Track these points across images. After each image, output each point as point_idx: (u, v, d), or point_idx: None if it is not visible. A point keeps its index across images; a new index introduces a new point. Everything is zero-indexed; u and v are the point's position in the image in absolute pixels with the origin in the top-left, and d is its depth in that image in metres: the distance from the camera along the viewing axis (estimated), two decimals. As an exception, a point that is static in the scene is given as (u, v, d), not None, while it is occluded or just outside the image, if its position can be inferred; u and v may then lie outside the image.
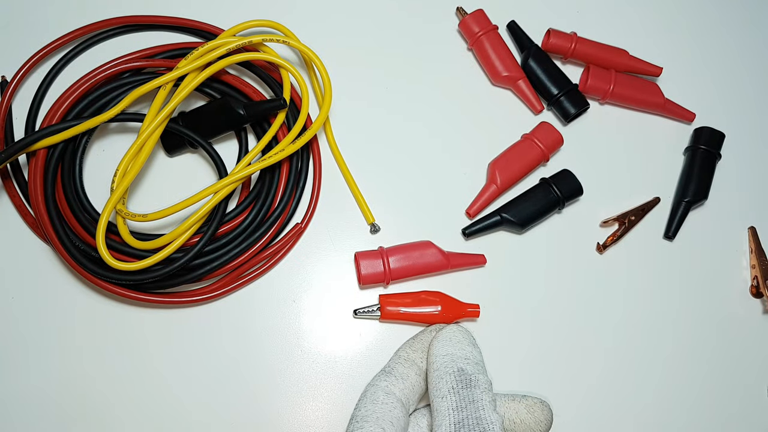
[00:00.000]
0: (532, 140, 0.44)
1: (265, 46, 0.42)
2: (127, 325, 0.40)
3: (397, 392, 0.35)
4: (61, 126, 0.39)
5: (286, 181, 0.42)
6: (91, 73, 0.41)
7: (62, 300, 0.40)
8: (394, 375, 0.36)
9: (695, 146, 0.46)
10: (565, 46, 0.46)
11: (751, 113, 0.49)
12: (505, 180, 0.43)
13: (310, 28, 0.46)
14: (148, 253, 0.38)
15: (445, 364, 0.35)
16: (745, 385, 0.43)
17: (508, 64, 0.46)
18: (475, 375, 0.34)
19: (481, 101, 0.46)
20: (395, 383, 0.36)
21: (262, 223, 0.41)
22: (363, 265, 0.40)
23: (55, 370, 0.39)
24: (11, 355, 0.40)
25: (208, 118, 0.41)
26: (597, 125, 0.47)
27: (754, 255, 0.45)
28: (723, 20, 0.51)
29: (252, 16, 0.45)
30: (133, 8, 0.45)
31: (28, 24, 0.45)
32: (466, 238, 0.43)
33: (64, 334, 0.40)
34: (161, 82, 0.39)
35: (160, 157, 0.43)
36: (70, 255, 0.39)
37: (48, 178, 0.39)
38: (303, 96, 0.41)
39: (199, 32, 0.45)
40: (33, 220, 0.41)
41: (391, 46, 0.47)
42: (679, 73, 0.49)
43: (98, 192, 0.41)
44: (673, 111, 0.47)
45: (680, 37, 0.50)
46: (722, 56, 0.50)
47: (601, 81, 0.46)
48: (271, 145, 0.42)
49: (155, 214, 0.38)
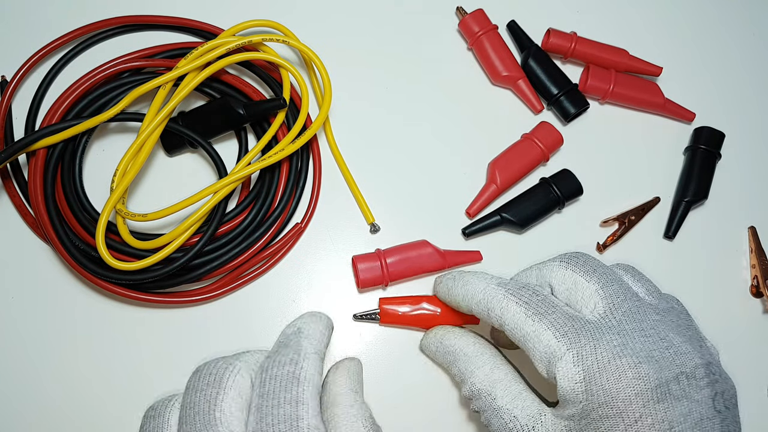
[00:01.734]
0: (532, 140, 0.44)
1: (264, 46, 0.42)
2: (127, 325, 0.40)
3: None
4: (61, 126, 0.39)
5: (285, 180, 0.42)
6: (91, 73, 0.41)
7: (62, 300, 0.40)
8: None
9: (695, 146, 0.46)
10: (565, 46, 0.46)
11: (751, 113, 0.49)
12: (505, 180, 0.43)
13: (309, 28, 0.46)
14: (147, 252, 0.38)
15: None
16: (745, 384, 0.43)
17: (508, 63, 0.46)
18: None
19: (481, 101, 0.46)
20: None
21: (262, 223, 0.41)
22: (361, 269, 0.40)
23: (54, 370, 0.39)
24: (10, 355, 0.40)
25: (208, 118, 0.41)
26: (597, 125, 0.47)
27: (754, 255, 0.45)
28: (723, 20, 0.51)
29: (252, 15, 0.45)
30: (132, 8, 0.45)
31: (28, 24, 0.45)
32: (466, 237, 0.43)
33: (64, 333, 0.40)
34: (161, 81, 0.39)
35: (160, 157, 0.43)
36: (70, 255, 0.38)
37: (48, 177, 0.39)
38: (303, 96, 0.41)
39: (199, 32, 0.45)
40: (33, 219, 0.41)
41: (390, 45, 0.47)
42: (679, 72, 0.49)
43: (98, 192, 0.41)
44: (673, 111, 0.47)
45: (680, 37, 0.50)
46: (722, 56, 0.50)
47: (601, 81, 0.46)
48: (271, 145, 0.42)
49: (155, 213, 0.38)
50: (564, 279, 0.33)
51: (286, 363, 0.29)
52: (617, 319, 0.31)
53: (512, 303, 0.32)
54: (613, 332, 0.30)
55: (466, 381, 0.35)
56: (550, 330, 0.31)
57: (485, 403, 0.33)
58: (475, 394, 0.34)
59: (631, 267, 0.36)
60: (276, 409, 0.27)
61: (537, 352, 0.31)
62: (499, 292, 0.33)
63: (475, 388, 0.34)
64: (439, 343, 0.37)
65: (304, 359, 0.29)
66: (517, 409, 0.32)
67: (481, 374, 0.34)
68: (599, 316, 0.31)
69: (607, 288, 0.32)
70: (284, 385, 0.28)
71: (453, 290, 0.36)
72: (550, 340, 0.31)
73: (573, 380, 0.29)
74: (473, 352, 0.35)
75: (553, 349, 0.30)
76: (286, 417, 0.27)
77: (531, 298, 0.32)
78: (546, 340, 0.31)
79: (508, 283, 0.34)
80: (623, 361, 0.29)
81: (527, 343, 0.31)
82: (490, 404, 0.33)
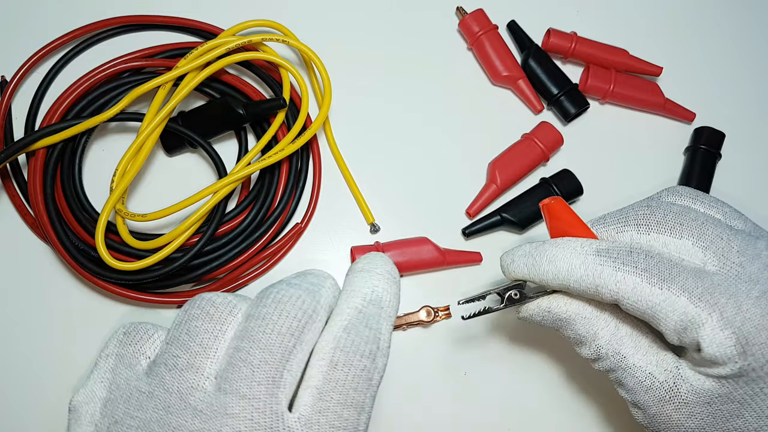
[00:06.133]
0: (532, 140, 0.44)
1: (264, 46, 0.42)
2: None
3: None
4: (61, 125, 0.39)
5: (285, 180, 0.42)
6: (91, 73, 0.41)
7: (61, 300, 0.40)
8: None
9: (695, 146, 0.46)
10: (565, 46, 0.46)
11: (751, 113, 0.48)
12: (505, 180, 0.43)
13: (309, 28, 0.46)
14: (147, 252, 0.38)
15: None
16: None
17: (508, 63, 0.45)
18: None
19: (481, 101, 0.46)
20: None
21: (262, 223, 0.41)
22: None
23: (53, 370, 0.39)
24: (9, 355, 0.40)
25: (208, 118, 0.41)
26: (597, 125, 0.47)
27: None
28: (723, 20, 0.50)
29: (251, 15, 0.45)
30: (132, 8, 0.45)
31: (28, 24, 0.45)
32: (467, 237, 0.43)
33: (63, 333, 0.40)
34: (161, 81, 0.39)
35: (160, 157, 0.43)
36: (70, 255, 0.38)
37: (47, 177, 0.39)
38: (303, 95, 0.41)
39: (199, 32, 0.45)
40: (32, 219, 0.41)
41: (390, 45, 0.47)
42: (679, 73, 0.48)
43: (98, 191, 0.41)
44: (673, 111, 0.47)
45: (680, 37, 0.50)
46: (722, 56, 0.50)
47: (601, 81, 0.46)
48: (271, 145, 0.42)
49: (154, 213, 0.38)
50: (650, 245, 0.30)
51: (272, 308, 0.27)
52: (738, 263, 0.29)
53: (628, 274, 0.29)
54: (743, 281, 0.28)
55: (587, 342, 0.32)
56: (683, 295, 0.28)
57: (614, 362, 0.31)
58: (602, 355, 0.31)
59: (686, 189, 0.33)
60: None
61: (670, 321, 0.28)
62: (606, 265, 0.29)
63: (602, 350, 0.31)
64: (546, 312, 0.32)
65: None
66: (652, 365, 0.30)
67: (606, 334, 0.31)
68: (717, 267, 0.29)
69: (703, 237, 0.30)
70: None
71: (538, 269, 0.32)
72: (686, 307, 0.28)
73: (723, 345, 0.27)
74: (590, 313, 0.31)
75: (691, 316, 0.28)
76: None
77: (647, 262, 0.29)
78: (681, 308, 0.28)
79: (608, 250, 0.30)
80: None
81: (657, 314, 0.29)
82: (619, 363, 0.31)
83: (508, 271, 0.33)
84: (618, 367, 0.31)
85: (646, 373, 0.30)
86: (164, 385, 0.26)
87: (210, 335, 0.27)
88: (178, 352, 0.27)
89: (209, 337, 0.27)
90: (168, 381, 0.26)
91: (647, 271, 0.29)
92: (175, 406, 0.26)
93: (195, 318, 0.28)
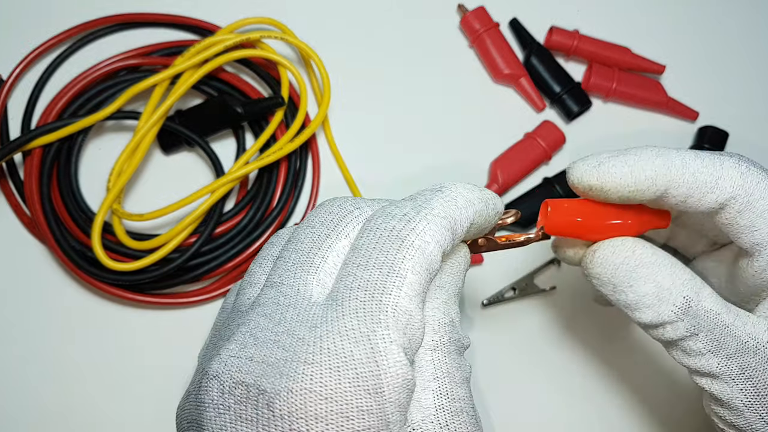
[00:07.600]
0: (534, 139, 0.44)
1: (262, 43, 0.42)
2: (123, 326, 0.40)
3: None
4: (57, 124, 0.39)
5: (284, 180, 0.41)
6: (87, 71, 0.41)
7: (57, 300, 0.40)
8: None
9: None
10: (568, 44, 0.46)
11: (755, 112, 0.48)
12: (506, 179, 0.43)
13: (308, 26, 0.46)
14: (144, 253, 0.38)
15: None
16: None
17: (509, 61, 0.45)
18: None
19: (483, 99, 0.46)
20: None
21: (260, 223, 0.41)
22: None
23: (50, 371, 0.39)
24: (6, 356, 0.39)
25: (205, 117, 0.41)
26: (599, 123, 0.46)
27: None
28: (727, 18, 0.50)
29: (249, 12, 0.45)
30: (129, 5, 0.45)
31: (24, 22, 0.45)
32: (467, 238, 0.43)
33: (60, 334, 0.40)
34: (157, 79, 0.39)
35: (157, 156, 0.43)
36: (66, 255, 0.38)
37: (44, 177, 0.39)
38: (301, 94, 0.41)
39: (196, 29, 0.45)
40: (29, 219, 0.41)
41: (391, 43, 0.47)
42: (683, 71, 0.48)
43: (94, 191, 0.41)
44: (676, 109, 0.46)
45: (683, 35, 0.49)
46: (726, 54, 0.49)
47: (604, 79, 0.45)
48: (269, 144, 0.41)
49: (151, 213, 0.38)
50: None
51: (396, 216, 0.23)
52: None
53: (752, 165, 0.25)
54: None
55: (667, 300, 0.26)
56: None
57: (706, 321, 0.26)
58: (691, 312, 0.26)
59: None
60: (362, 270, 0.22)
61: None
62: (725, 155, 0.25)
63: (691, 308, 0.26)
64: (631, 253, 0.27)
65: (423, 220, 0.23)
66: (749, 325, 0.26)
67: (706, 291, 0.26)
68: None
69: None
70: (381, 244, 0.22)
71: (644, 165, 0.26)
72: None
73: None
74: (670, 262, 0.27)
75: None
76: (368, 284, 0.22)
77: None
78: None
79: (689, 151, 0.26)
80: None
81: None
82: (714, 321, 0.26)
83: (575, 182, 0.29)
84: (712, 325, 0.26)
85: (745, 333, 0.26)
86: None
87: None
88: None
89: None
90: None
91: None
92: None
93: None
